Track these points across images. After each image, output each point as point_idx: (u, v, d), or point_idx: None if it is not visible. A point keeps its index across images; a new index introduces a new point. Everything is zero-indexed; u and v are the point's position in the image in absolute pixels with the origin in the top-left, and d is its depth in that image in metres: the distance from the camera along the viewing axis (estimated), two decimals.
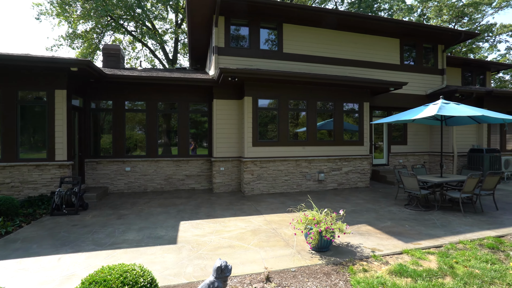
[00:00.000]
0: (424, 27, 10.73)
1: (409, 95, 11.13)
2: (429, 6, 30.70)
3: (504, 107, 11.47)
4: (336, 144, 9.13)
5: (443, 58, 11.82)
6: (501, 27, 30.44)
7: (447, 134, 10.85)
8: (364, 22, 10.03)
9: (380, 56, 10.79)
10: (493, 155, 9.86)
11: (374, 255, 4.04)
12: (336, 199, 7.66)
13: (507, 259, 3.93)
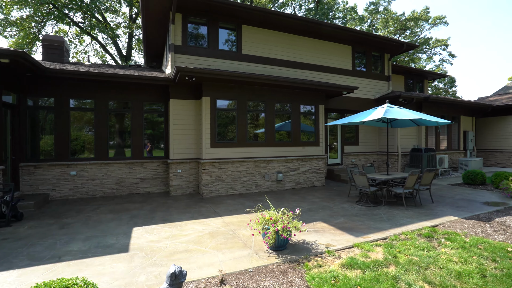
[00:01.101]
0: (372, 36, 11.60)
1: (360, 98, 11.93)
2: (378, 18, 33.34)
3: (438, 111, 12.90)
4: (293, 145, 9.41)
5: (389, 66, 12.90)
6: (435, 41, 34.24)
7: (392, 136, 11.86)
8: (320, 28, 10.52)
9: (334, 62, 11.40)
10: (430, 154, 11.00)
11: (328, 251, 4.22)
12: (293, 198, 7.87)
13: (439, 245, 4.39)
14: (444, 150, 13.61)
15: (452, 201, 7.42)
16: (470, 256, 3.98)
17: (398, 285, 3.28)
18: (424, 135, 12.44)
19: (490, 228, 5.21)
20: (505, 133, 14.83)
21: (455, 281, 3.36)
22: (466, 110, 14.68)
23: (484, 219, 5.78)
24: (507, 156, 14.78)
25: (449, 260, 3.88)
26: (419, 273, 3.55)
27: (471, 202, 7.23)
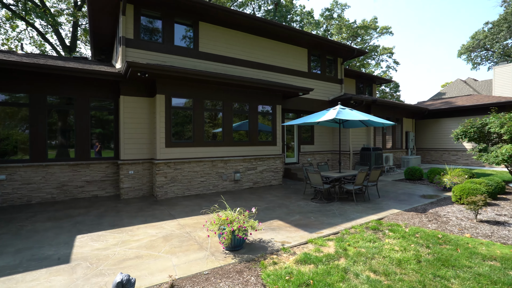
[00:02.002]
0: (327, 41, 12.17)
1: (316, 100, 12.45)
2: (332, 23, 35.14)
3: (384, 113, 14.03)
4: (251, 144, 9.46)
5: (342, 69, 13.66)
6: (383, 49, 37.20)
7: (345, 135, 12.59)
8: (278, 30, 10.72)
9: (291, 63, 11.73)
10: (377, 153, 11.91)
11: (284, 248, 4.31)
12: (251, 198, 7.91)
13: (384, 236, 4.76)
14: (390, 149, 14.85)
15: (395, 195, 8.11)
16: (409, 244, 4.37)
17: (347, 276, 3.46)
18: (373, 135, 13.43)
19: (425, 218, 5.80)
20: (438, 134, 16.70)
21: (396, 268, 3.65)
22: (408, 113, 16.20)
23: (421, 210, 6.41)
24: (440, 154, 16.65)
25: (392, 249, 4.21)
26: (365, 263, 3.79)
27: (411, 196, 7.97)
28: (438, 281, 3.33)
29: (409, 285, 3.24)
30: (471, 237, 4.73)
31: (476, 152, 9.14)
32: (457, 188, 6.86)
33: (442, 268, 3.61)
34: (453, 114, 15.98)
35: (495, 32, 30.10)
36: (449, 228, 5.18)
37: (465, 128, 9.27)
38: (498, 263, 3.75)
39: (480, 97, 16.97)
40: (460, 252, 4.09)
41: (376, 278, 3.43)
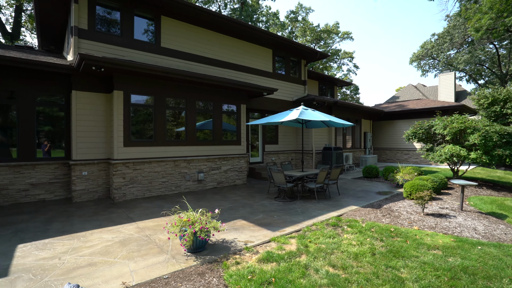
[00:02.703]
0: (291, 42, 12.44)
1: (280, 100, 12.66)
2: (297, 26, 36.05)
3: (344, 114, 14.74)
4: (215, 143, 9.34)
5: (305, 71, 14.06)
6: (344, 53, 39.06)
7: (308, 135, 12.98)
8: (243, 29, 10.70)
9: (256, 63, 11.79)
10: (338, 152, 12.47)
11: (247, 247, 4.30)
12: (215, 198, 7.80)
13: (342, 232, 4.98)
14: (350, 149, 15.63)
15: (354, 192, 8.54)
16: (365, 238, 4.62)
17: (308, 272, 3.55)
18: (334, 135, 14.03)
19: (380, 213, 6.18)
20: (393, 134, 17.97)
21: (353, 261, 3.84)
22: (366, 114, 17.20)
23: (376, 206, 6.83)
24: (394, 153, 17.93)
25: (349, 244, 4.42)
26: (325, 258, 3.93)
27: (368, 193, 8.46)
28: (389, 271, 3.57)
29: (364, 277, 3.42)
30: (418, 229, 5.14)
31: (424, 151, 9.98)
32: (407, 184, 7.41)
33: (393, 259, 3.87)
34: (405, 116, 17.31)
35: (440, 43, 33.22)
36: (400, 222, 5.58)
37: (414, 129, 10.07)
38: (440, 252, 4.12)
39: (428, 101, 18.58)
40: (409, 243, 4.42)
41: (334, 272, 3.56)
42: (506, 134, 8.18)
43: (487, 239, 4.73)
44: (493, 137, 7.95)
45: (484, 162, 8.22)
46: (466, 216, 5.92)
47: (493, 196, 7.91)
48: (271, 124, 10.93)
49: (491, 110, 14.37)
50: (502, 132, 8.15)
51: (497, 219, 5.82)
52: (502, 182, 10.51)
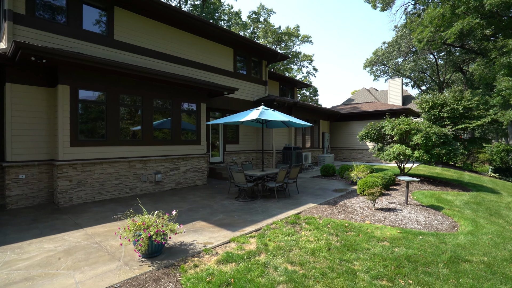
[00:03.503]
0: (252, 43, 12.50)
1: (241, 100, 12.66)
2: (259, 27, 36.42)
3: (304, 115, 15.23)
4: (174, 143, 9.00)
5: (266, 72, 14.24)
6: (304, 56, 40.41)
7: (268, 135, 13.16)
8: (204, 27, 10.47)
9: (217, 62, 11.63)
10: (297, 152, 12.83)
11: (206, 249, 4.20)
12: (173, 199, 7.52)
13: (301, 229, 5.12)
14: (309, 148, 16.20)
15: (312, 190, 8.85)
16: (322, 234, 4.80)
17: (267, 270, 3.58)
18: (294, 135, 14.42)
19: (336, 210, 6.49)
20: (348, 135, 19.03)
21: (310, 257, 3.95)
22: (324, 115, 17.98)
23: (332, 203, 7.15)
24: (349, 152, 19.01)
25: (307, 240, 4.55)
26: (284, 256, 3.99)
27: (325, 191, 8.83)
28: (343, 264, 3.74)
29: (321, 271, 3.54)
30: (370, 223, 5.49)
31: (375, 150, 10.72)
32: (361, 182, 7.89)
33: (347, 253, 4.07)
34: (359, 118, 18.46)
35: (390, 51, 36.09)
36: (354, 217, 5.91)
37: (367, 130, 10.77)
38: (388, 243, 4.44)
39: (379, 104, 20.02)
40: (361, 237, 4.69)
41: (293, 268, 3.64)
42: (443, 135, 9.13)
43: (427, 229, 5.22)
44: (432, 137, 8.81)
45: (425, 160, 9.08)
46: (410, 209, 6.48)
47: (432, 191, 8.78)
48: (232, 124, 10.88)
49: (431, 114, 15.98)
50: (439, 133, 9.07)
51: (435, 211, 6.46)
52: (440, 178, 11.72)
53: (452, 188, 9.53)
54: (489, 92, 18.68)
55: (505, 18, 15.95)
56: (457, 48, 27.92)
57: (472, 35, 18.94)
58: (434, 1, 17.69)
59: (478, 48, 23.22)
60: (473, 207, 6.89)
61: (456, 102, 15.47)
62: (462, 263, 3.83)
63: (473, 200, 7.65)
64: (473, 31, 17.25)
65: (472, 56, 28.13)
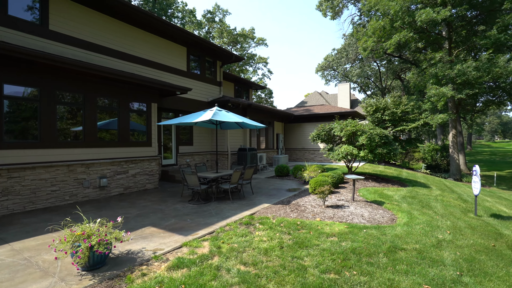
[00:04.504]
0: (206, 42, 12.29)
1: (195, 100, 12.36)
2: (214, 27, 36.04)
3: (258, 116, 15.45)
4: (121, 145, 8.41)
5: (220, 72, 14.12)
6: (259, 58, 41.06)
7: (223, 137, 13.05)
8: (154, 23, 9.95)
9: (169, 60, 11.19)
10: (252, 153, 12.95)
11: (155, 256, 3.98)
12: (121, 205, 7.01)
13: (255, 230, 5.15)
14: (264, 149, 16.46)
15: (267, 191, 8.99)
16: (275, 234, 4.89)
17: (220, 273, 3.52)
18: (249, 137, 14.52)
19: (289, 209, 6.67)
20: (301, 136, 19.80)
21: (263, 257, 3.99)
22: (278, 117, 18.45)
23: (286, 202, 7.34)
24: (302, 153, 19.78)
25: (261, 240, 4.59)
26: (237, 257, 3.97)
27: (280, 190, 9.04)
28: (295, 261, 3.85)
29: (273, 270, 3.59)
30: (320, 220, 5.74)
31: (326, 151, 11.31)
32: (312, 181, 8.23)
33: (298, 250, 4.20)
34: (311, 119, 19.33)
35: (339, 57, 38.55)
36: (306, 215, 6.13)
37: (318, 131, 11.31)
38: (336, 238, 4.69)
39: (329, 107, 21.20)
40: (312, 234, 4.88)
41: (246, 269, 3.63)
42: (384, 136, 9.99)
43: (370, 223, 5.65)
44: (375, 138, 9.59)
45: (370, 159, 9.84)
46: (356, 205, 6.95)
47: (376, 187, 9.54)
48: (185, 125, 10.53)
49: (375, 116, 17.40)
50: (381, 134, 9.91)
51: (378, 206, 7.03)
52: (383, 175, 12.82)
53: (392, 184, 10.47)
54: (421, 98, 21.04)
55: (432, 34, 18.13)
56: (396, 58, 30.98)
57: (407, 47, 21.16)
58: (376, 14, 19.36)
59: (412, 59, 26.03)
60: (409, 201, 7.65)
61: (396, 106, 17.09)
62: (398, 252, 4.20)
63: (409, 195, 8.49)
64: (408, 43, 19.25)
65: (408, 66, 31.47)
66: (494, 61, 15.57)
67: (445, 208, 7.19)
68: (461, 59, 16.71)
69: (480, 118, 61.57)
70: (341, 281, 3.39)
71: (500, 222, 6.45)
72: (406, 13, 16.51)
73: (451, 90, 16.09)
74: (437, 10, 15.31)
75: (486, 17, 17.21)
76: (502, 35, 15.27)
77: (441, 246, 4.49)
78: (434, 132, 44.05)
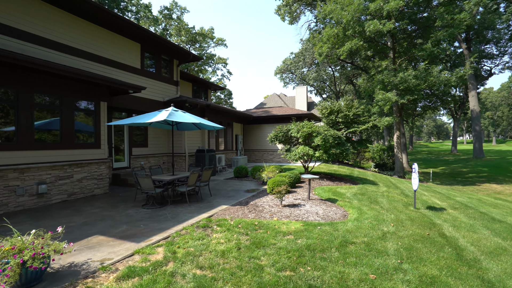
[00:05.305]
0: (162, 40, 11.79)
1: (150, 100, 11.79)
2: (172, 24, 34.85)
3: (217, 117, 15.28)
4: (65, 147, 7.66)
5: (177, 71, 13.68)
6: (218, 58, 40.71)
7: (180, 138, 12.65)
8: (102, 14, 9.21)
9: (122, 57, 10.52)
10: (211, 154, 12.75)
11: (103, 267, 3.69)
12: (63, 214, 6.38)
13: (212, 232, 5.05)
14: (223, 150, 16.32)
15: (225, 192, 8.91)
16: (232, 235, 4.85)
17: (174, 279, 3.38)
18: (207, 138, 14.28)
19: (247, 210, 6.68)
20: (260, 137, 20.05)
21: (220, 259, 3.92)
22: (237, 118, 18.45)
23: (244, 203, 7.34)
24: (261, 154, 20.04)
25: (218, 243, 4.52)
26: (193, 262, 3.85)
27: (238, 192, 9.02)
28: (252, 261, 3.85)
29: (230, 272, 3.55)
30: (277, 220, 5.84)
31: (284, 151, 11.59)
32: (270, 181, 8.36)
33: (256, 250, 4.21)
34: (270, 121, 19.69)
35: (297, 61, 39.89)
36: (263, 215, 6.20)
37: (276, 133, 11.55)
38: (292, 236, 4.81)
39: (287, 109, 21.81)
40: (269, 233, 4.94)
41: (202, 273, 3.54)
42: (337, 137, 10.56)
43: (324, 220, 5.90)
44: (329, 139, 10.09)
45: (325, 159, 10.31)
46: (312, 204, 7.22)
47: (330, 186, 10.03)
48: (139, 125, 9.98)
49: (329, 118, 18.33)
50: (335, 135, 10.45)
51: (332, 203, 7.38)
52: (336, 174, 13.53)
53: (345, 183, 11.10)
54: (371, 102, 22.74)
55: (380, 43, 19.70)
56: (349, 64, 33.07)
57: (358, 54, 22.72)
58: (330, 22, 20.44)
59: (363, 66, 27.99)
60: (359, 198, 8.17)
61: (348, 109, 18.21)
62: (349, 246, 4.45)
63: (359, 192, 9.08)
64: (359, 51, 20.66)
65: (359, 72, 33.80)
66: (429, 71, 17.45)
67: (390, 203, 7.82)
68: (403, 68, 18.42)
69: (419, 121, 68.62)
70: (296, 277, 3.47)
71: (434, 213, 7.21)
72: (357, 23, 17.70)
73: (395, 95, 17.62)
74: (383, 22, 16.67)
75: (423, 32, 19.22)
76: (435, 48, 17.18)
77: (385, 238, 4.87)
78: (382, 134, 47.95)
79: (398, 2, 16.01)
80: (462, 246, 4.86)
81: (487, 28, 26.42)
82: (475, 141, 32.31)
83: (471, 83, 29.91)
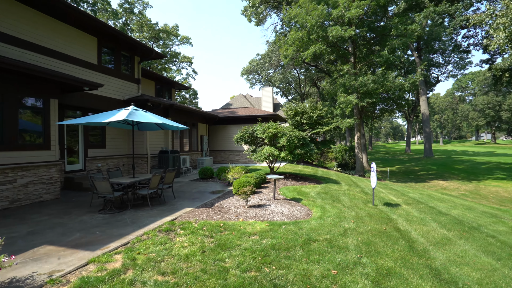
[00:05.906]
0: (121, 34, 11.13)
1: (108, 98, 11.09)
2: (133, 18, 33.21)
3: (181, 117, 14.86)
4: (6, 148, 6.87)
5: (139, 69, 13.04)
6: (183, 57, 39.69)
7: (141, 138, 12.07)
8: (55, 3, 8.43)
9: (75, 51, 9.75)
10: (175, 155, 12.34)
11: (51, 280, 3.37)
12: (4, 223, 5.71)
13: (175, 236, 4.87)
14: (187, 151, 15.90)
15: (190, 194, 8.67)
16: (197, 238, 4.72)
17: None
18: (171, 138, 13.81)
19: (212, 211, 6.56)
20: (226, 138, 19.89)
21: (183, 263, 3.79)
22: (203, 118, 18.11)
23: (209, 205, 7.20)
24: (227, 155, 19.89)
25: (181, 246, 4.36)
26: (154, 268, 3.68)
27: (203, 193, 8.83)
28: (217, 264, 3.78)
29: (193, 276, 3.45)
30: (243, 221, 5.81)
31: (249, 152, 11.61)
32: (236, 182, 8.31)
33: (220, 252, 4.14)
34: (236, 121, 19.62)
35: (263, 62, 40.30)
36: (229, 217, 6.13)
37: (242, 133, 11.53)
38: (257, 237, 4.81)
39: (253, 110, 21.91)
40: (234, 234, 4.89)
41: (164, 279, 3.39)
42: (302, 138, 10.84)
43: (289, 219, 6.00)
44: (294, 140, 10.31)
45: (290, 160, 10.52)
46: (277, 204, 7.30)
47: (295, 185, 10.25)
48: (95, 125, 9.32)
49: (294, 120, 18.78)
50: (299, 136, 10.71)
51: (296, 203, 7.54)
52: (301, 174, 13.88)
53: (310, 182, 11.43)
54: (334, 104, 23.75)
55: (342, 49, 20.67)
56: (313, 67, 34.21)
57: (322, 58, 23.61)
58: (295, 26, 20.96)
59: (326, 69, 29.15)
60: (322, 196, 8.45)
61: (312, 111, 18.81)
62: (312, 243, 4.57)
63: (323, 191, 9.40)
64: (322, 55, 21.45)
65: (323, 75, 35.13)
66: (386, 76, 18.70)
67: (351, 201, 8.20)
68: (363, 73, 19.54)
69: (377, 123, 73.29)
70: (261, 277, 3.47)
71: (390, 209, 7.71)
72: (321, 28, 18.37)
73: (356, 98, 18.58)
74: (344, 29, 17.51)
75: (380, 40, 20.56)
76: (391, 55, 18.46)
77: (346, 234, 5.08)
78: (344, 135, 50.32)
79: (357, 11, 16.94)
80: (414, 238, 5.25)
81: (434, 39, 29.04)
82: (425, 141, 35.35)
83: (422, 88, 32.69)
